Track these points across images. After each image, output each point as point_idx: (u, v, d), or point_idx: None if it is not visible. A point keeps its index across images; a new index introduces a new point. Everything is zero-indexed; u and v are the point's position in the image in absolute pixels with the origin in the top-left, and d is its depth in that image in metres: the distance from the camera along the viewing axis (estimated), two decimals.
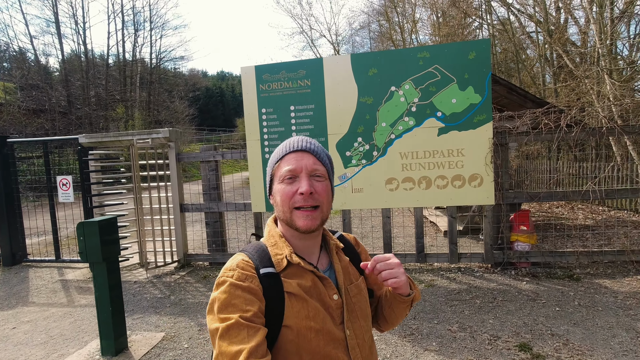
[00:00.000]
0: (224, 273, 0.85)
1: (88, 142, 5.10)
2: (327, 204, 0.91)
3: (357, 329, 0.92)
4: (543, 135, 4.09)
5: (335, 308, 0.90)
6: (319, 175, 0.89)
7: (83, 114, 17.71)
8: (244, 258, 0.88)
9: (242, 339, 0.74)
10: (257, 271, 0.86)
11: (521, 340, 2.89)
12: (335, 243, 1.00)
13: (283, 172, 0.88)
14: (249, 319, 0.77)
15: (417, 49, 4.32)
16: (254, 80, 4.64)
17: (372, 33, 25.26)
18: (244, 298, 0.80)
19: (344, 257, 1.00)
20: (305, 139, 0.93)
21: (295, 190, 0.86)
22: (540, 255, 4.29)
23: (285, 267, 0.88)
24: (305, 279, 0.88)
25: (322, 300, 0.89)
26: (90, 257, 2.81)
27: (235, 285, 0.81)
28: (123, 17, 21.95)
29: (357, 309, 0.94)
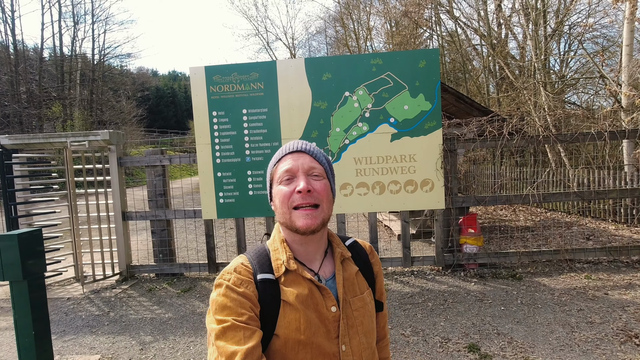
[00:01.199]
0: (222, 275, 0.85)
1: (12, 143, 4.56)
2: (328, 203, 0.87)
3: (354, 345, 0.87)
4: (488, 142, 4.30)
5: (332, 321, 0.86)
6: (316, 175, 0.87)
7: (11, 112, 16.01)
8: (243, 262, 0.88)
9: (238, 340, 0.75)
10: (255, 276, 0.85)
11: (470, 341, 2.98)
12: (342, 252, 0.95)
13: (280, 173, 0.87)
14: (244, 321, 0.77)
15: (371, 56, 4.37)
16: (204, 82, 4.43)
17: (329, 38, 25.60)
18: (239, 302, 0.80)
19: (352, 267, 0.95)
20: (301, 141, 0.92)
21: (293, 190, 0.84)
22: (486, 257, 4.49)
23: (284, 273, 0.86)
24: (302, 287, 0.85)
25: (319, 311, 0.85)
26: (7, 275, 2.46)
27: (231, 289, 0.81)
28: (60, 7, 20.28)
29: (357, 324, 0.89)
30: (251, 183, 4.46)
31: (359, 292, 0.93)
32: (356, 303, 0.91)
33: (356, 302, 0.91)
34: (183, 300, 4.10)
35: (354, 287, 0.93)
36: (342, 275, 0.92)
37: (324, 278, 0.91)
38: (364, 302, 0.93)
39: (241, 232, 4.75)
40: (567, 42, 11.31)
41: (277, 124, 4.39)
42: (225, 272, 0.85)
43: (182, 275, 4.90)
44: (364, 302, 0.92)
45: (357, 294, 0.92)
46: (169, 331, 3.40)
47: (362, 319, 0.90)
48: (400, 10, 15.68)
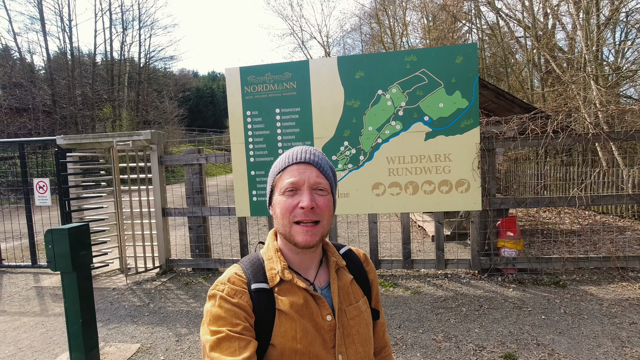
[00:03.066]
0: (216, 286, 0.84)
1: (66, 143, 4.93)
2: (328, 219, 0.87)
3: (351, 355, 0.87)
4: (530, 140, 4.06)
5: (328, 330, 0.85)
6: (321, 189, 0.85)
7: (68, 114, 17.32)
8: (237, 272, 0.87)
9: (233, 351, 0.74)
10: (249, 286, 0.84)
11: (506, 351, 2.84)
12: (336, 260, 0.95)
13: (284, 184, 0.84)
14: (239, 332, 0.77)
15: (404, 53, 4.27)
16: (238, 82, 4.54)
17: (364, 35, 25.32)
18: (233, 312, 0.79)
19: (347, 275, 0.95)
20: (309, 150, 0.89)
21: (296, 204, 0.83)
22: (526, 262, 4.26)
23: (278, 283, 0.86)
24: (297, 297, 0.85)
25: (314, 320, 0.85)
26: (59, 266, 2.67)
27: (225, 299, 0.81)
28: (111, 15, 21.61)
29: (354, 333, 0.88)
30: None
31: (354, 300, 0.92)
32: (352, 312, 0.90)
33: (352, 311, 0.90)
34: None
35: (349, 295, 0.92)
36: (337, 284, 0.91)
37: (319, 287, 0.91)
38: (360, 311, 0.92)
39: None
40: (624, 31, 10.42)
41: (309, 123, 4.42)
42: (219, 283, 0.84)
43: (217, 271, 5.07)
44: (359, 311, 0.92)
45: (352, 302, 0.92)
46: None
47: (358, 327, 0.90)
48: (437, 3, 15.19)
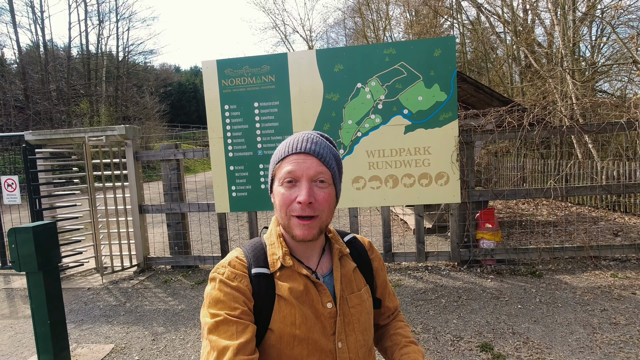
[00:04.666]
0: (217, 269, 0.84)
1: (35, 139, 4.73)
2: (328, 212, 0.84)
3: (351, 342, 0.86)
4: (507, 133, 4.11)
5: (328, 317, 0.85)
6: (322, 181, 0.82)
7: (42, 109, 16.70)
8: (238, 255, 0.87)
9: (230, 335, 0.74)
10: (249, 270, 0.84)
11: (483, 340, 2.87)
12: (340, 248, 0.93)
13: (283, 173, 0.82)
14: (237, 316, 0.76)
15: (383, 45, 4.24)
16: (216, 76, 4.44)
17: (347, 30, 25.25)
18: (232, 296, 0.79)
19: (350, 263, 0.94)
20: (310, 138, 0.84)
21: (294, 198, 0.80)
22: (504, 252, 4.33)
23: (279, 268, 0.85)
24: (298, 283, 0.84)
25: (314, 307, 0.84)
26: (24, 266, 2.56)
27: (224, 282, 0.80)
28: (86, 6, 20.86)
29: (354, 321, 0.88)
30: (263, 177, 4.45)
31: (357, 289, 0.92)
32: (353, 300, 0.89)
33: (353, 299, 0.89)
34: (196, 292, 4.17)
35: (351, 283, 0.91)
36: (339, 271, 0.90)
37: (321, 275, 0.90)
38: (361, 299, 0.91)
39: (254, 225, 4.77)
40: (599, 27, 10.68)
41: (288, 117, 4.36)
42: (220, 266, 0.84)
43: (197, 268, 4.99)
44: (361, 299, 0.91)
45: (354, 290, 0.91)
46: (181, 322, 3.46)
47: (358, 316, 0.89)
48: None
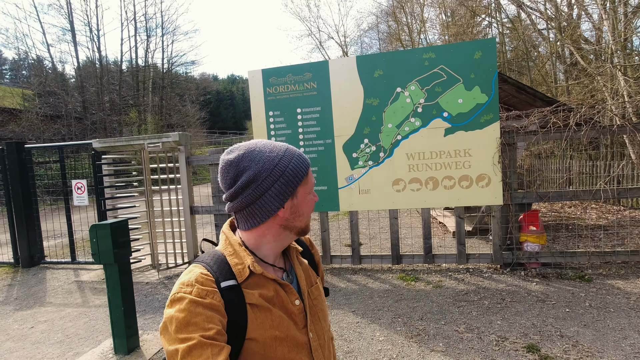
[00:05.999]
0: (181, 289, 0.78)
1: (101, 146, 5.24)
2: None
3: (319, 331, 0.94)
4: (552, 134, 4.04)
5: (298, 313, 0.90)
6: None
7: (98, 119, 18.12)
8: (202, 271, 0.82)
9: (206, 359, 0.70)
10: (218, 285, 0.80)
11: (529, 342, 2.87)
12: (295, 247, 1.01)
13: (310, 184, 0.92)
14: (212, 337, 0.73)
15: (423, 50, 4.32)
16: (261, 84, 4.71)
17: (381, 34, 25.22)
18: (205, 316, 0.75)
19: (304, 261, 1.02)
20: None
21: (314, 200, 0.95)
22: (550, 256, 4.23)
23: (247, 277, 0.84)
24: (267, 289, 0.86)
25: (285, 307, 0.88)
26: (102, 259, 2.90)
27: (195, 302, 0.75)
28: (135, 24, 22.42)
29: (318, 311, 0.96)
30: None
31: (314, 281, 1.00)
32: (314, 292, 0.98)
33: (314, 292, 0.98)
34: None
35: (309, 278, 0.99)
36: (300, 268, 0.97)
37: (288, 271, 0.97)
38: (319, 291, 1.00)
39: None
40: None
41: (330, 121, 4.54)
42: (184, 285, 0.79)
43: None
44: (319, 291, 1.00)
45: (313, 283, 0.99)
46: None
47: (321, 306, 0.98)
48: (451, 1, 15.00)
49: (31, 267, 5.77)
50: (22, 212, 5.69)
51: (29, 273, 5.54)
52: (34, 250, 5.84)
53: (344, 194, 4.58)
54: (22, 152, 5.71)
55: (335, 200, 4.61)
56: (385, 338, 3.10)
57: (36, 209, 5.84)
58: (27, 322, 3.84)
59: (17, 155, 5.66)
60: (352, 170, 4.54)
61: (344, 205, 4.60)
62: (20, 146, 5.72)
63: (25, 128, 15.42)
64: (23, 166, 5.70)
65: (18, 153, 5.67)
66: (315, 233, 6.91)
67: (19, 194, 5.67)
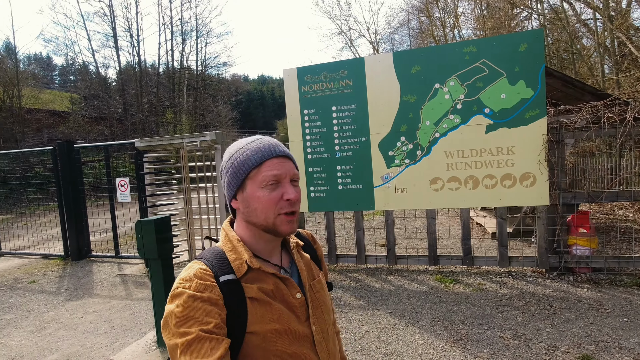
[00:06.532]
0: (179, 284, 0.80)
1: (143, 145, 5.46)
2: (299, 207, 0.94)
3: (322, 324, 0.94)
4: (606, 129, 3.77)
5: (299, 306, 0.90)
6: (295, 181, 0.89)
7: (137, 120, 18.98)
8: (201, 267, 0.83)
9: (204, 353, 0.71)
10: (217, 279, 0.82)
11: (583, 352, 2.68)
12: (296, 241, 1.01)
13: (266, 176, 0.84)
14: (210, 331, 0.74)
15: (463, 44, 4.17)
16: (296, 82, 4.72)
17: (412, 30, 24.69)
18: (204, 310, 0.76)
19: (305, 255, 1.01)
20: (278, 144, 0.91)
21: (280, 196, 0.85)
22: (602, 261, 3.95)
23: (246, 272, 0.85)
24: (267, 283, 0.86)
25: (286, 300, 0.88)
26: (147, 253, 3.01)
27: (194, 297, 0.77)
28: (172, 28, 23.26)
29: (321, 304, 0.96)
30: (340, 178, 4.62)
31: (316, 275, 1.00)
32: (316, 286, 0.97)
33: (316, 285, 0.97)
34: None
35: (311, 271, 0.99)
36: (301, 262, 0.97)
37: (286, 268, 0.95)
38: (322, 284, 0.99)
39: (331, 225, 4.96)
40: None
41: (365, 119, 4.48)
42: (183, 281, 0.80)
43: None
44: (321, 284, 0.99)
45: (315, 277, 0.99)
46: None
47: (323, 299, 0.97)
48: None
49: (79, 260, 6.11)
50: (72, 208, 6.04)
51: (77, 265, 5.87)
52: (82, 244, 6.18)
53: (380, 193, 4.50)
54: (72, 152, 6.06)
55: (371, 199, 4.54)
56: (425, 342, 3.00)
57: (84, 205, 6.18)
58: (77, 312, 4.07)
59: (68, 154, 6.01)
60: (388, 169, 4.46)
61: (380, 205, 4.52)
62: (70, 146, 6.07)
63: (72, 129, 16.42)
64: (73, 165, 6.04)
65: (68, 152, 6.02)
66: (349, 232, 6.86)
67: (69, 191, 6.02)
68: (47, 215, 9.64)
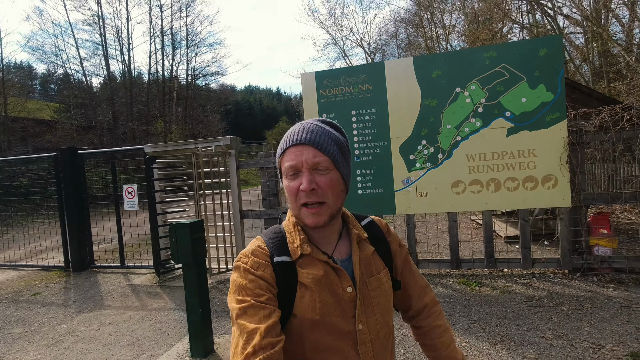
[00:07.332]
0: (240, 258, 0.87)
1: (153, 151, 5.31)
2: (334, 197, 0.86)
3: (371, 324, 0.90)
4: (627, 131, 3.87)
5: (348, 301, 0.88)
6: (321, 169, 0.84)
7: (128, 130, 18.59)
8: (260, 245, 0.89)
9: (258, 319, 0.77)
10: (272, 259, 0.86)
11: (630, 349, 2.69)
12: (358, 232, 0.95)
13: (286, 168, 0.85)
14: (263, 302, 0.80)
15: (483, 49, 4.24)
16: (314, 86, 4.70)
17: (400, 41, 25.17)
18: (257, 283, 0.82)
19: (368, 247, 0.96)
20: (307, 127, 0.86)
21: (298, 186, 0.83)
22: (625, 261, 4.01)
23: (300, 256, 0.87)
24: (317, 269, 0.87)
25: (334, 292, 0.87)
26: (182, 258, 2.88)
27: (248, 271, 0.84)
28: (162, 37, 23.07)
29: (374, 304, 0.91)
30: (360, 182, 4.58)
31: (375, 272, 0.94)
32: (372, 283, 0.92)
33: (372, 283, 0.92)
34: None
35: (370, 267, 0.93)
36: (358, 256, 0.92)
37: (339, 259, 0.91)
38: (380, 282, 0.94)
39: None
40: None
41: (386, 123, 4.48)
42: (243, 255, 0.87)
43: None
44: (380, 282, 0.93)
45: (373, 274, 0.93)
46: None
47: (378, 299, 0.92)
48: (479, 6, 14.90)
49: (82, 271, 5.85)
50: (75, 217, 5.80)
51: (80, 277, 5.61)
52: (85, 255, 5.92)
53: (401, 197, 4.48)
54: (76, 158, 5.84)
55: (392, 203, 4.51)
56: (468, 344, 2.96)
57: (87, 213, 5.94)
58: (92, 324, 3.86)
59: (71, 161, 5.79)
60: (409, 173, 4.45)
61: (401, 208, 4.50)
62: (74, 152, 5.86)
63: (60, 138, 15.94)
64: (76, 172, 5.82)
65: (72, 159, 5.80)
66: None
67: (72, 199, 5.79)
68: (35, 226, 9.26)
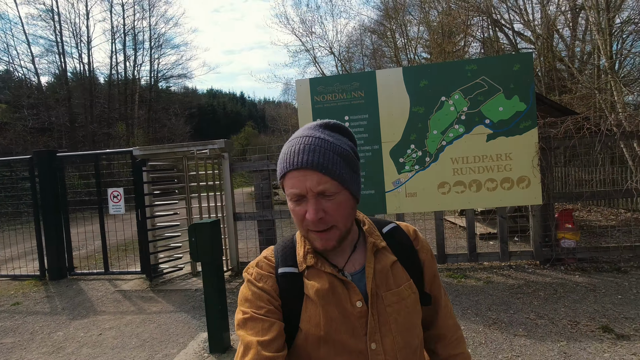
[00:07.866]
0: (247, 269, 0.88)
1: (142, 154, 5.23)
2: (344, 219, 0.79)
3: (387, 344, 0.80)
4: (588, 138, 4.44)
5: (359, 317, 0.80)
6: (328, 194, 0.76)
7: (89, 132, 17.63)
8: (267, 255, 0.89)
9: (257, 332, 0.77)
10: (276, 270, 0.85)
11: (601, 324, 3.13)
12: (374, 242, 0.87)
13: (289, 193, 0.78)
14: (263, 314, 0.79)
15: (465, 62, 4.68)
16: (308, 93, 4.90)
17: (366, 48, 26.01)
18: (258, 296, 0.82)
19: (388, 257, 0.86)
20: (307, 147, 0.76)
21: (304, 213, 0.77)
22: (586, 251, 4.58)
23: (307, 267, 0.84)
24: (323, 282, 0.81)
25: (342, 306, 0.80)
26: (202, 257, 2.95)
27: (252, 283, 0.84)
28: (124, 37, 22.17)
29: (391, 321, 0.81)
30: None
31: (395, 285, 0.84)
32: (390, 298, 0.82)
33: (390, 297, 0.82)
34: None
35: (388, 280, 0.84)
36: (372, 267, 0.84)
37: (350, 273, 0.84)
38: (400, 297, 0.83)
39: None
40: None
41: (377, 128, 4.77)
42: (250, 266, 0.88)
43: None
44: (400, 297, 0.83)
45: (391, 287, 0.83)
46: None
47: (396, 315, 0.82)
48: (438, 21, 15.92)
49: (60, 280, 5.57)
50: (53, 223, 5.53)
51: (60, 285, 5.35)
52: (63, 262, 5.65)
53: (391, 197, 4.79)
54: (54, 161, 5.59)
55: (383, 203, 4.80)
56: (466, 327, 3.28)
57: (66, 218, 5.69)
58: (90, 329, 3.76)
59: (49, 164, 5.54)
60: (399, 175, 4.77)
61: (391, 208, 4.80)
62: (52, 155, 5.60)
63: (11, 141, 14.80)
64: (54, 175, 5.57)
65: (50, 162, 5.54)
66: None
67: (50, 204, 5.52)
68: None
